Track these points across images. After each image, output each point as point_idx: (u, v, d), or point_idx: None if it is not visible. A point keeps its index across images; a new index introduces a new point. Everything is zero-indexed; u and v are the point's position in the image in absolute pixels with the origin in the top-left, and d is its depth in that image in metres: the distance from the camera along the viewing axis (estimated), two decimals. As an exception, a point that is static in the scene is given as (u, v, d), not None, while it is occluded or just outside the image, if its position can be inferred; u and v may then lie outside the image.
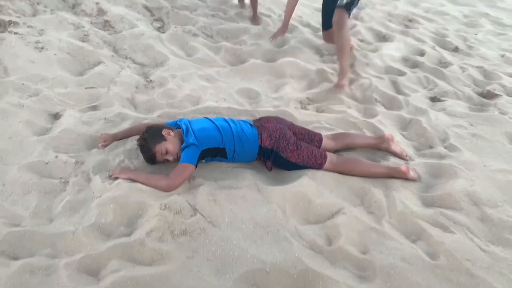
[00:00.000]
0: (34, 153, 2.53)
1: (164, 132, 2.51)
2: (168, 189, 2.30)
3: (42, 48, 3.68)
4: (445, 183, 2.61)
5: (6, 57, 3.43)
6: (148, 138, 2.48)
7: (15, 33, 3.73)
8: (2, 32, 3.72)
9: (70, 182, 2.34)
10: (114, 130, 2.84)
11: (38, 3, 4.41)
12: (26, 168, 2.38)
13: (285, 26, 4.27)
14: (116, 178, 2.32)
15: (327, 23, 4.09)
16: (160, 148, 2.46)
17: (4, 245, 1.90)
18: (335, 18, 3.66)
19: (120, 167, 2.44)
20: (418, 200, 2.48)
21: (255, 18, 5.31)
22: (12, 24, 3.85)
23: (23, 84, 3.20)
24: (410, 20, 6.08)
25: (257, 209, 2.25)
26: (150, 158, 2.50)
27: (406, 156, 2.91)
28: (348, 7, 3.63)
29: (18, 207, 2.15)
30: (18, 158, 2.48)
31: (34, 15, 4.21)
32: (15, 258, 1.87)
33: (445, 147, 3.08)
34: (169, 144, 2.48)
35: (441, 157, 2.95)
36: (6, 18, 3.89)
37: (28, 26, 3.92)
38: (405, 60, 4.74)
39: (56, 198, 2.25)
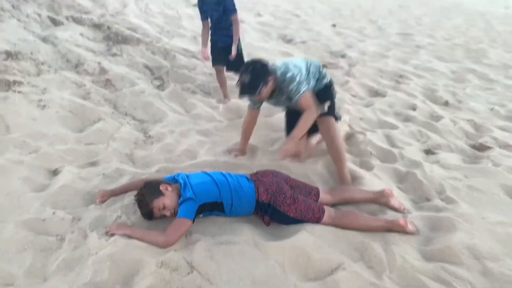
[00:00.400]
0: (31, 210, 2.52)
1: (161, 187, 2.53)
2: (165, 246, 2.28)
3: (44, 106, 3.79)
4: (444, 236, 2.60)
5: (9, 115, 3.51)
6: (146, 193, 2.49)
7: (19, 92, 3.84)
8: (6, 91, 3.84)
9: (66, 239, 2.31)
10: (112, 186, 2.86)
11: (42, 63, 4.58)
12: (22, 225, 2.36)
13: (242, 149, 3.63)
14: (113, 235, 2.30)
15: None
16: (157, 203, 2.46)
17: (-4, 306, 1.85)
18: (323, 128, 3.21)
19: (117, 223, 2.42)
20: (418, 254, 2.45)
21: (225, 96, 4.90)
22: (16, 84, 3.98)
23: (24, 141, 3.25)
24: (400, 76, 6.32)
25: (255, 265, 2.22)
26: (148, 213, 2.49)
27: (404, 209, 2.91)
28: (332, 112, 3.24)
29: (12, 266, 2.11)
30: (15, 215, 2.46)
31: (38, 74, 4.36)
32: (6, 320, 1.81)
33: (441, 200, 3.10)
34: (167, 199, 2.49)
35: (439, 209, 2.96)
36: (11, 78, 4.02)
37: (32, 85, 4.05)
38: (398, 114, 4.87)
39: (52, 255, 2.22)
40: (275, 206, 2.59)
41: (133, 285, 2.04)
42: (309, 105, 2.99)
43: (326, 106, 3.17)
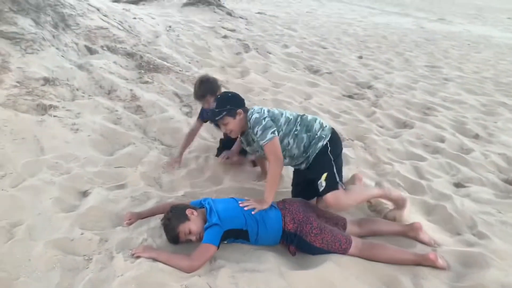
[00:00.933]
0: (61, 230, 2.58)
1: (187, 212, 2.55)
2: (189, 270, 2.27)
3: (77, 129, 3.93)
4: (477, 272, 2.49)
5: (44, 137, 3.65)
6: (172, 218, 2.52)
7: (54, 116, 4.01)
8: (43, 115, 4.01)
9: (93, 259, 2.34)
10: (139, 208, 2.90)
11: (77, 89, 4.77)
12: (52, 244, 2.41)
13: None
14: (138, 257, 2.32)
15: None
16: (183, 228, 2.48)
17: (23, 323, 1.87)
18: (331, 202, 2.71)
19: (143, 246, 2.45)
20: (449, 291, 2.36)
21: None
22: (52, 108, 4.15)
23: (56, 162, 3.37)
24: (428, 108, 6.25)
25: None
26: (174, 238, 2.51)
27: (434, 243, 2.82)
28: (331, 185, 2.72)
29: (40, 284, 2.15)
30: (45, 234, 2.53)
31: (73, 99, 4.54)
32: (32, 338, 1.82)
33: (473, 235, 2.99)
34: (193, 224, 2.50)
35: (470, 245, 2.85)
36: (47, 103, 4.21)
37: (67, 110, 4.22)
38: (426, 146, 4.79)
39: (78, 275, 2.25)
40: (301, 236, 2.56)
41: (157, 309, 2.03)
42: (274, 153, 2.70)
43: (323, 181, 2.70)
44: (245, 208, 2.59)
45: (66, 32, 6.09)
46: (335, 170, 2.75)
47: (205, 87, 3.49)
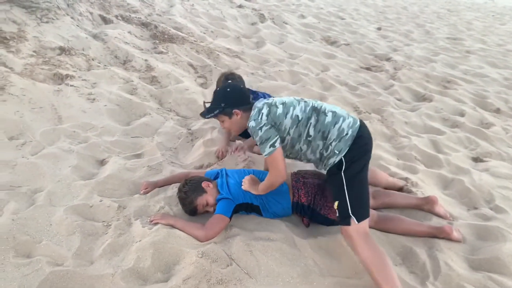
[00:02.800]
0: (80, 196, 2.64)
1: (203, 185, 2.56)
2: (202, 240, 2.31)
3: (94, 99, 3.95)
4: (492, 246, 2.48)
5: (61, 106, 3.69)
6: (189, 191, 2.52)
7: (71, 86, 4.03)
8: (60, 84, 4.04)
9: (112, 225, 2.40)
10: (156, 178, 2.93)
11: (93, 59, 4.78)
12: (71, 210, 2.47)
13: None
14: (156, 224, 2.36)
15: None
16: (201, 200, 2.50)
17: (47, 284, 1.94)
18: (345, 237, 2.24)
19: (161, 213, 2.49)
20: (464, 263, 2.35)
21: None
22: (69, 77, 4.18)
23: (74, 131, 3.41)
24: (448, 81, 6.09)
25: (294, 263, 2.21)
26: (191, 211, 2.53)
27: (449, 217, 2.80)
28: (344, 215, 2.17)
29: (62, 247, 2.21)
30: (65, 200, 2.59)
31: (88, 69, 4.55)
32: (56, 298, 1.89)
33: (490, 209, 2.96)
34: (209, 197, 2.53)
35: (487, 218, 2.83)
36: (64, 72, 4.23)
37: (83, 80, 4.24)
38: (445, 120, 4.70)
39: (98, 240, 2.31)
40: (315, 209, 2.56)
41: (174, 273, 2.08)
42: (275, 167, 2.28)
43: (335, 208, 2.21)
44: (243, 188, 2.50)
45: (80, 1, 6.05)
46: (347, 198, 2.16)
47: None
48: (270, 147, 2.21)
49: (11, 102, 3.46)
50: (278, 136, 2.24)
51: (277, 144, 2.22)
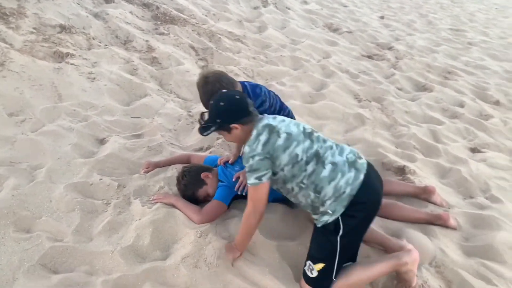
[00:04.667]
0: (79, 174, 2.65)
1: (203, 176, 2.54)
2: (198, 223, 2.31)
3: (94, 78, 3.93)
4: (487, 234, 2.52)
5: (62, 85, 3.67)
6: (189, 184, 2.51)
7: (71, 64, 4.00)
8: (60, 62, 4.01)
9: (111, 204, 2.41)
10: (156, 158, 2.94)
11: (93, 38, 4.73)
12: (71, 187, 2.48)
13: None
14: (158, 203, 2.38)
15: None
16: (202, 192, 2.51)
17: (47, 258, 1.96)
18: None
19: (164, 193, 2.50)
20: (458, 250, 2.39)
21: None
22: (69, 56, 4.14)
23: (74, 110, 3.40)
24: (449, 72, 6.08)
25: (291, 241, 2.24)
26: (193, 201, 2.52)
27: (446, 205, 2.83)
28: (327, 283, 2.00)
29: (62, 224, 2.23)
30: (65, 177, 2.60)
31: (89, 48, 4.51)
32: (55, 272, 1.93)
33: (486, 198, 3.00)
34: (210, 188, 2.52)
35: (482, 208, 2.86)
36: (64, 50, 4.19)
37: (83, 58, 4.20)
38: (444, 110, 4.71)
39: (98, 218, 2.33)
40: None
41: (172, 252, 2.11)
42: (253, 202, 2.01)
43: (314, 269, 1.99)
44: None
45: (82, -21, 5.96)
46: (335, 264, 1.97)
47: (209, 91, 2.46)
48: (255, 179, 1.95)
49: (10, 78, 3.43)
50: (269, 171, 1.97)
51: (265, 179, 1.95)
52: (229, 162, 2.70)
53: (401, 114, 4.38)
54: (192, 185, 2.50)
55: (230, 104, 2.08)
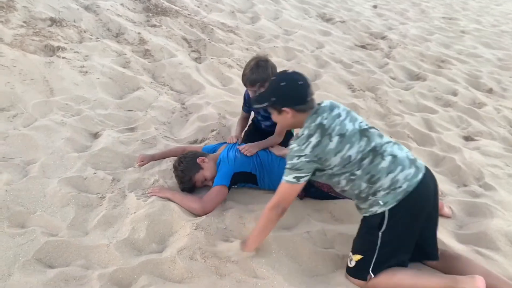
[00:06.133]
0: (73, 169, 2.63)
1: (198, 161, 2.55)
2: (201, 213, 2.33)
3: (86, 72, 3.89)
4: (480, 221, 2.54)
5: (53, 79, 3.63)
6: (185, 170, 2.51)
7: (63, 58, 3.96)
8: (51, 56, 3.96)
9: (106, 197, 2.40)
10: (150, 151, 2.93)
11: (85, 31, 4.67)
12: (65, 182, 2.47)
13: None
14: (151, 196, 2.38)
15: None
16: (199, 177, 2.52)
17: (42, 253, 1.96)
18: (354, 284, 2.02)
19: (160, 186, 2.50)
20: (453, 238, 2.41)
21: None
22: (60, 49, 4.09)
23: (66, 104, 3.37)
24: (442, 61, 6.09)
25: (285, 233, 2.25)
26: (190, 188, 2.55)
27: (440, 194, 2.85)
28: (363, 271, 1.98)
29: (56, 218, 2.22)
30: (58, 172, 2.58)
31: (80, 42, 4.46)
32: (51, 267, 1.92)
33: (480, 186, 3.02)
34: (206, 172, 2.54)
35: (476, 195, 2.89)
36: (55, 44, 4.14)
37: (75, 52, 4.16)
38: (438, 99, 4.72)
39: (92, 212, 2.32)
40: (311, 183, 2.58)
41: (168, 245, 2.11)
42: (280, 199, 1.99)
43: (353, 259, 2.00)
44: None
45: (71, -29, 5.87)
46: (374, 259, 1.93)
47: (263, 72, 2.61)
48: (294, 178, 1.92)
49: (1, 73, 3.39)
50: (310, 174, 1.95)
51: (303, 181, 1.93)
52: (239, 142, 2.80)
53: (394, 103, 4.39)
54: (188, 171, 2.51)
55: (290, 88, 2.00)
